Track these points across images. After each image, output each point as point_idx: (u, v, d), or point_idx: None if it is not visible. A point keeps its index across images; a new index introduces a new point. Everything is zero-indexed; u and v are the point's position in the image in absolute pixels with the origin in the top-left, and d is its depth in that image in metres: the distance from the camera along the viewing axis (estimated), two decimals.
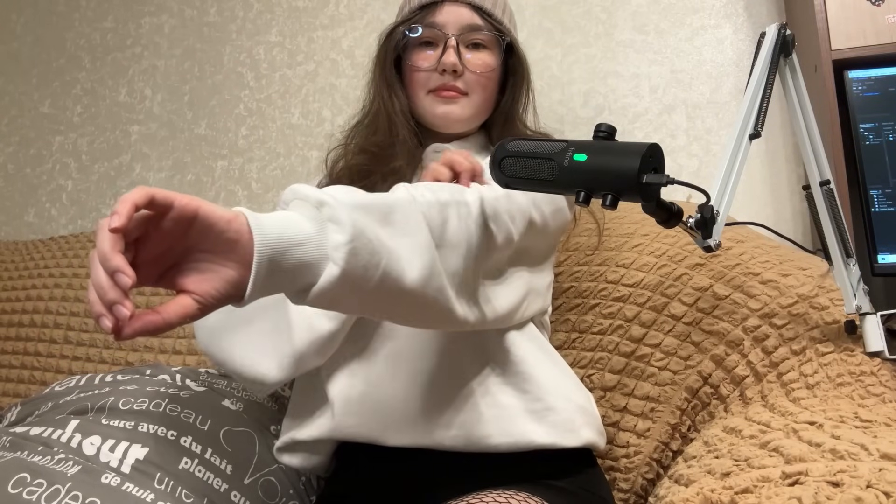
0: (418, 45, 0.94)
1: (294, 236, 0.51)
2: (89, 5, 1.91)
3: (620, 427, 0.98)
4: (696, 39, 1.43)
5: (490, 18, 0.94)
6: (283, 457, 0.87)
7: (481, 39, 0.94)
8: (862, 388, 0.69)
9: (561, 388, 0.82)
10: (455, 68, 0.91)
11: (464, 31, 0.93)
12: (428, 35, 0.93)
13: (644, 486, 0.93)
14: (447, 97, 0.92)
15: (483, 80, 0.94)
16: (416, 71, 0.93)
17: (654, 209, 0.56)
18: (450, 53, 0.91)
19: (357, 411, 0.80)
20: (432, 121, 0.94)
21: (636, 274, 1.02)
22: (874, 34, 1.09)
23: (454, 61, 0.91)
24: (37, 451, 0.81)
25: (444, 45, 0.92)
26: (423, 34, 0.93)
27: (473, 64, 0.93)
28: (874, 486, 0.45)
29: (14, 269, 1.61)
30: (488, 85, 0.95)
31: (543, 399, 0.80)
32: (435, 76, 0.92)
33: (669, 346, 0.94)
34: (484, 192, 0.71)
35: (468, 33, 0.93)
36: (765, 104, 0.68)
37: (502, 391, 0.80)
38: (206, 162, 1.73)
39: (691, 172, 1.39)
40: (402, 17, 0.97)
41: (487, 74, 0.94)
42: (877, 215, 1.02)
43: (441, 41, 0.92)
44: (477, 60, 0.93)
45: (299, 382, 0.90)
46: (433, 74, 0.93)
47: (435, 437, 0.78)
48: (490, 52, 0.95)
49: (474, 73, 0.93)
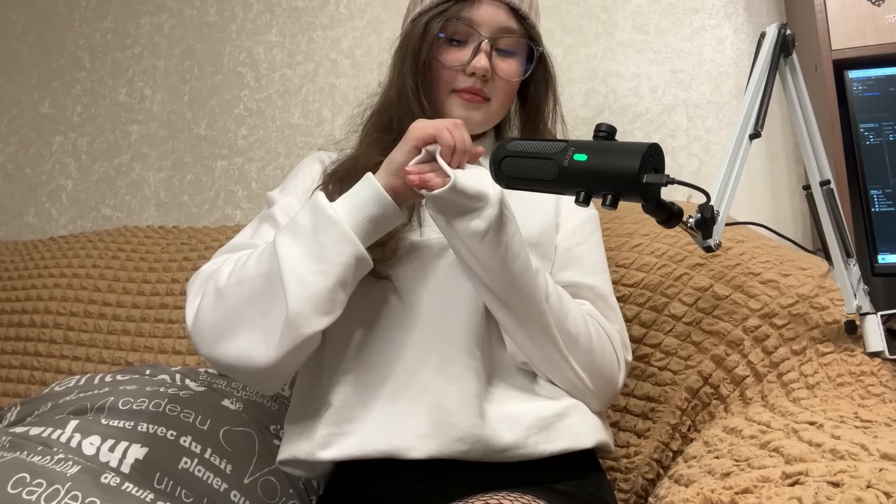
0: (448, 40, 0.89)
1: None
2: (89, 5, 1.92)
3: (620, 427, 0.98)
4: (696, 39, 1.43)
5: (524, 22, 0.91)
6: (283, 468, 0.86)
7: (513, 46, 0.90)
8: (862, 388, 0.69)
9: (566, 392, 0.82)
10: (485, 73, 0.87)
11: (498, 33, 0.89)
12: (461, 32, 0.88)
13: (644, 486, 0.93)
14: (471, 101, 0.89)
15: (507, 87, 0.91)
16: (443, 68, 0.89)
17: (654, 209, 0.56)
18: (481, 57, 0.87)
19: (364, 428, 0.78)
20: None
21: (636, 274, 1.02)
22: (874, 34, 1.09)
23: (485, 66, 0.87)
24: (36, 451, 0.81)
25: (476, 46, 0.87)
26: (456, 29, 0.88)
27: (503, 70, 0.89)
28: (874, 486, 0.45)
29: (14, 269, 1.60)
30: (510, 92, 0.92)
31: (551, 406, 0.80)
32: (461, 76, 0.88)
33: (669, 346, 0.94)
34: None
35: (502, 37, 0.89)
36: (765, 104, 0.68)
37: (511, 399, 0.79)
38: (206, 162, 1.73)
39: (691, 172, 1.39)
40: (430, 4, 0.90)
41: (513, 83, 0.91)
42: (877, 215, 1.02)
43: (474, 41, 0.88)
44: (506, 67, 0.90)
45: (298, 392, 0.87)
46: (460, 74, 0.88)
47: (445, 449, 0.76)
48: (519, 60, 0.92)
49: (502, 80, 0.90)
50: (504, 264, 0.73)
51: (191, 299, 0.78)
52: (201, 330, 0.75)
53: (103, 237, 1.60)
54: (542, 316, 0.76)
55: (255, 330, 0.73)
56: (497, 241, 0.72)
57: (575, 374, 0.79)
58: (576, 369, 0.79)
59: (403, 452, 0.76)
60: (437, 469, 0.77)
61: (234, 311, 0.73)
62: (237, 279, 0.74)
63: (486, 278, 0.74)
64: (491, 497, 0.66)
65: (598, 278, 0.87)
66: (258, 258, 0.75)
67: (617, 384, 0.83)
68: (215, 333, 0.74)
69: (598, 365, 0.80)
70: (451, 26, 0.88)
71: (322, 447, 0.78)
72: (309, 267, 0.71)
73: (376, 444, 0.76)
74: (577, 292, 0.85)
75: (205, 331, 0.74)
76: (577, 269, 0.87)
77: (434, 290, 0.82)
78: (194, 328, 0.76)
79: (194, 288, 0.79)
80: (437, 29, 0.88)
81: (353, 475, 0.82)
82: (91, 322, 1.43)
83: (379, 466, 0.78)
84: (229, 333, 0.73)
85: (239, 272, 0.75)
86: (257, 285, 0.73)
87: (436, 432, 0.76)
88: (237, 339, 0.73)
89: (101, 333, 1.41)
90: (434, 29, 0.88)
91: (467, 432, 0.75)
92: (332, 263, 0.71)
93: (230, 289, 0.74)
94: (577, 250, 0.88)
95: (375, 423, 0.78)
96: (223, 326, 0.73)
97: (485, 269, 0.73)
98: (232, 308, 0.73)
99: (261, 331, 0.72)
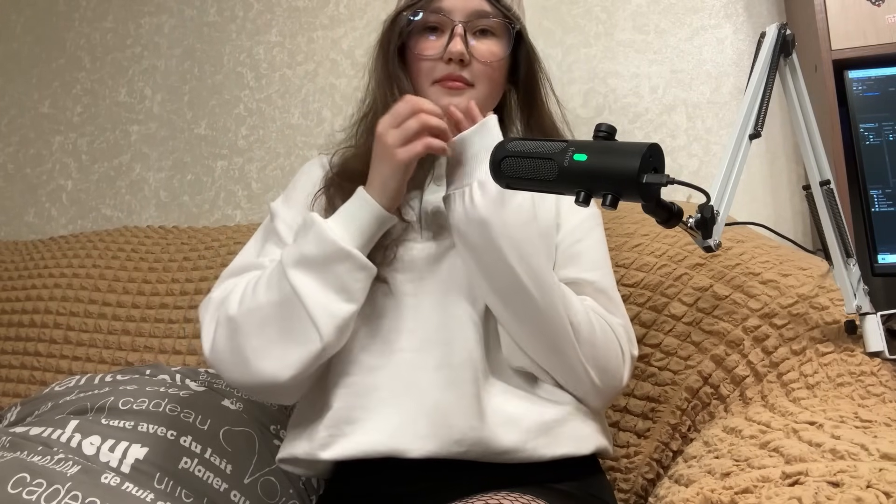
0: (422, 31, 0.89)
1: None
2: (89, 5, 1.92)
3: (620, 427, 0.98)
4: (696, 39, 1.43)
5: (498, 4, 0.90)
6: (284, 466, 0.86)
7: (489, 26, 0.90)
8: (862, 388, 0.69)
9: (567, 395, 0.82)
10: (462, 57, 0.86)
11: (471, 17, 0.88)
12: (433, 21, 0.89)
13: (644, 486, 0.93)
14: (453, 88, 0.88)
15: (490, 70, 0.89)
16: (421, 59, 0.89)
17: (654, 209, 0.56)
18: (456, 41, 0.86)
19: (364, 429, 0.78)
20: None
21: (636, 274, 1.02)
22: (874, 34, 1.08)
23: (461, 50, 0.86)
24: (36, 451, 0.81)
25: (450, 32, 0.87)
26: (428, 19, 0.88)
27: (480, 52, 0.88)
28: (874, 486, 0.45)
29: (14, 269, 1.61)
30: (495, 76, 0.90)
31: (551, 410, 0.80)
32: (440, 65, 0.88)
33: (669, 346, 0.94)
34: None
35: (476, 20, 0.88)
36: (765, 104, 0.68)
37: (511, 401, 0.79)
38: (206, 162, 1.73)
39: (691, 172, 1.39)
40: (405, 1, 0.92)
41: (495, 64, 0.90)
42: (877, 215, 1.02)
43: (447, 28, 0.88)
44: (484, 49, 0.89)
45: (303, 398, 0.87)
46: (438, 63, 0.88)
47: (443, 450, 0.76)
48: (498, 41, 0.90)
49: (481, 63, 0.88)
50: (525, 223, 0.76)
51: (205, 327, 0.80)
52: (221, 360, 0.78)
53: (103, 237, 1.60)
54: (554, 300, 0.76)
55: (275, 353, 0.76)
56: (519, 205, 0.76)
57: (583, 368, 0.78)
58: (583, 362, 0.78)
59: (402, 452, 0.76)
60: (437, 468, 0.77)
61: (249, 338, 0.76)
62: (248, 308, 0.77)
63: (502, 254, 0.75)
64: (491, 497, 0.66)
65: (599, 273, 0.87)
66: (267, 286, 0.77)
67: (622, 379, 0.82)
68: (235, 361, 0.77)
69: (602, 359, 0.80)
70: (423, 17, 0.89)
71: (322, 447, 0.78)
72: (332, 298, 0.76)
73: (375, 444, 0.76)
74: (579, 289, 0.85)
75: (224, 360, 0.78)
76: (578, 265, 0.87)
77: (433, 292, 0.82)
78: (213, 358, 0.79)
79: (207, 316, 0.81)
80: (410, 21, 0.89)
81: (353, 474, 0.82)
82: (91, 322, 1.43)
83: (379, 466, 0.78)
84: (250, 360, 0.76)
85: (250, 300, 0.77)
86: (269, 314, 0.76)
87: (434, 433, 0.76)
88: (259, 363, 0.76)
89: (101, 333, 1.41)
90: (404, 21, 0.89)
91: (465, 434, 0.75)
92: (353, 290, 0.77)
93: (243, 317, 0.77)
94: (577, 247, 0.88)
95: (375, 424, 0.78)
96: (241, 354, 0.77)
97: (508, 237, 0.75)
98: (247, 336, 0.76)
99: (280, 353, 0.76)
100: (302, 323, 0.75)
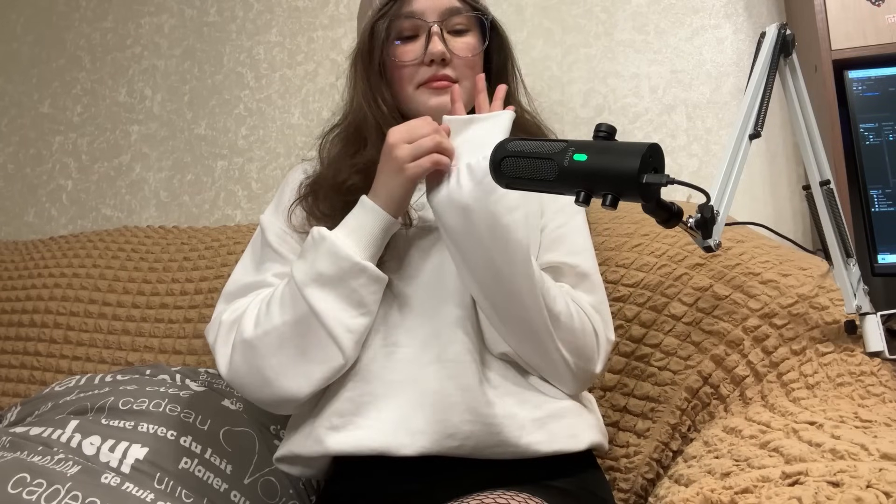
0: (397, 38, 0.90)
1: None
2: (89, 5, 1.92)
3: (620, 427, 0.98)
4: (696, 39, 1.43)
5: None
6: (281, 465, 0.86)
7: (463, 23, 0.91)
8: (862, 388, 0.69)
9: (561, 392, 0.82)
10: (444, 57, 0.87)
11: (444, 15, 0.89)
12: (408, 27, 0.89)
13: (644, 486, 0.93)
14: (439, 87, 0.88)
15: (471, 63, 0.91)
16: (402, 66, 0.89)
17: (654, 209, 0.56)
18: (435, 42, 0.87)
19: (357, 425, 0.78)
20: (427, 115, 0.90)
21: (636, 274, 1.02)
22: (874, 34, 1.08)
23: (441, 50, 0.87)
24: (37, 451, 0.81)
25: (427, 34, 0.88)
26: (403, 25, 0.89)
27: (459, 48, 0.89)
28: (874, 486, 0.45)
29: (14, 269, 1.61)
30: (476, 68, 0.92)
31: (545, 406, 0.80)
32: (423, 69, 0.89)
33: (669, 346, 0.94)
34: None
35: (449, 17, 0.89)
36: (765, 104, 0.68)
37: (504, 401, 0.79)
38: (206, 162, 1.73)
39: (691, 172, 1.39)
40: (373, 10, 0.91)
41: (475, 59, 0.91)
42: (877, 215, 1.02)
43: (423, 31, 0.88)
44: (462, 45, 0.90)
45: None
46: (420, 67, 0.89)
47: (435, 445, 0.76)
48: (473, 35, 0.92)
49: (462, 59, 0.89)
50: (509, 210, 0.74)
51: (219, 351, 0.81)
52: (241, 382, 0.80)
53: (103, 237, 1.60)
54: (534, 288, 0.75)
55: (296, 371, 0.78)
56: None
57: (559, 356, 0.78)
58: (560, 349, 0.78)
59: (395, 450, 0.76)
60: (433, 467, 0.77)
61: (267, 359, 0.78)
62: (264, 330, 0.78)
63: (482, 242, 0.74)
64: (487, 496, 0.67)
65: (580, 258, 0.87)
66: (281, 305, 0.78)
67: (597, 365, 0.82)
68: (255, 382, 0.79)
69: (579, 346, 0.80)
70: (397, 25, 0.89)
71: (317, 443, 0.79)
72: (350, 314, 0.78)
73: (369, 441, 0.77)
74: (559, 273, 0.85)
75: (244, 381, 0.80)
76: (559, 249, 0.87)
77: (423, 287, 0.83)
78: (231, 380, 0.81)
79: (220, 340, 0.82)
80: (384, 30, 0.89)
81: (350, 472, 0.82)
82: (91, 322, 1.43)
83: (374, 464, 0.78)
84: (271, 380, 0.78)
85: (265, 322, 0.78)
86: (286, 334, 0.77)
87: (427, 429, 0.76)
88: (280, 382, 0.78)
89: (101, 333, 1.41)
90: (381, 31, 0.89)
91: (458, 428, 0.76)
92: (369, 303, 0.79)
93: (259, 339, 0.78)
94: (559, 231, 0.88)
95: (368, 420, 0.78)
96: (261, 375, 0.78)
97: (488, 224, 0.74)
98: (265, 357, 0.78)
99: (302, 371, 0.78)
100: (321, 341, 0.77)
